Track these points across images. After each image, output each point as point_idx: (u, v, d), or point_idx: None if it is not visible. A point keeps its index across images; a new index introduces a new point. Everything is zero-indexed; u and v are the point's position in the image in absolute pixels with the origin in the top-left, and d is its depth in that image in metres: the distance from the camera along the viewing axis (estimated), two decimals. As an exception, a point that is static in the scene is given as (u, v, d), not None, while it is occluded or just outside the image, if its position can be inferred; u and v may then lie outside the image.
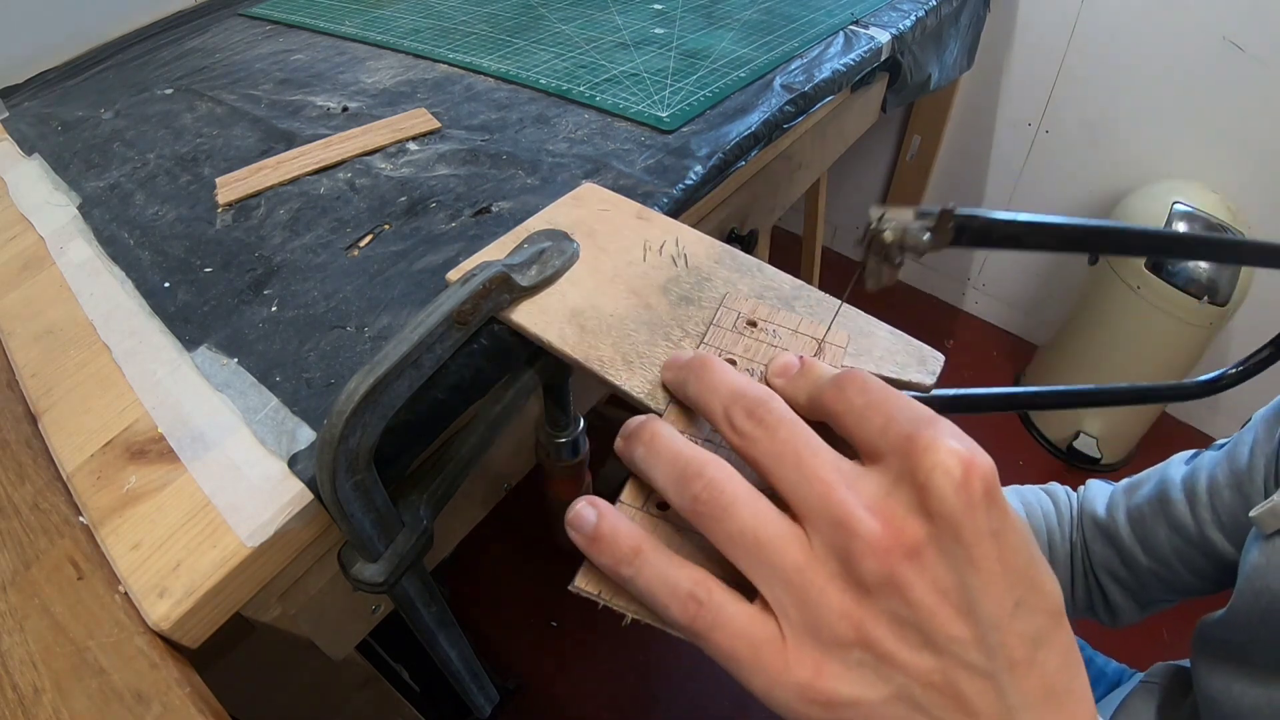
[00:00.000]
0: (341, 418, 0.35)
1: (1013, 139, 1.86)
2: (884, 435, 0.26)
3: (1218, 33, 1.44)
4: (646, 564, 0.28)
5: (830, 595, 0.25)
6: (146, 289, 0.58)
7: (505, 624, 1.54)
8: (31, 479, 0.47)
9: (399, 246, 0.59)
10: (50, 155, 0.80)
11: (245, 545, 0.40)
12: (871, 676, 0.25)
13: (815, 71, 0.86)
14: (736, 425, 0.28)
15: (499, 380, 0.48)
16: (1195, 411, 1.90)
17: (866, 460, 0.27)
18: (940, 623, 0.24)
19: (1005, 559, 0.24)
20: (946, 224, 0.28)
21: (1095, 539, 0.64)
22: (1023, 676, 0.25)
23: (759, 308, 0.42)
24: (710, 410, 0.30)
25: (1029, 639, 0.25)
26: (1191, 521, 0.58)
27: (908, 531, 0.24)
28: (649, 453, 0.29)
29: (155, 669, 0.36)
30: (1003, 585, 0.24)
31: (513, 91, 0.83)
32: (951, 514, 0.24)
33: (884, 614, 0.24)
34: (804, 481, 0.26)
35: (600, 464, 0.59)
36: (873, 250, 0.29)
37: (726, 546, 0.26)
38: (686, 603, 0.27)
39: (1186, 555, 0.58)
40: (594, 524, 0.29)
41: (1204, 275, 1.44)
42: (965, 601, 0.24)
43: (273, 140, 0.76)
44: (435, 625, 0.50)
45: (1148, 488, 0.63)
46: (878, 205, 0.29)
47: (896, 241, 0.29)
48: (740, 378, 0.30)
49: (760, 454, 0.27)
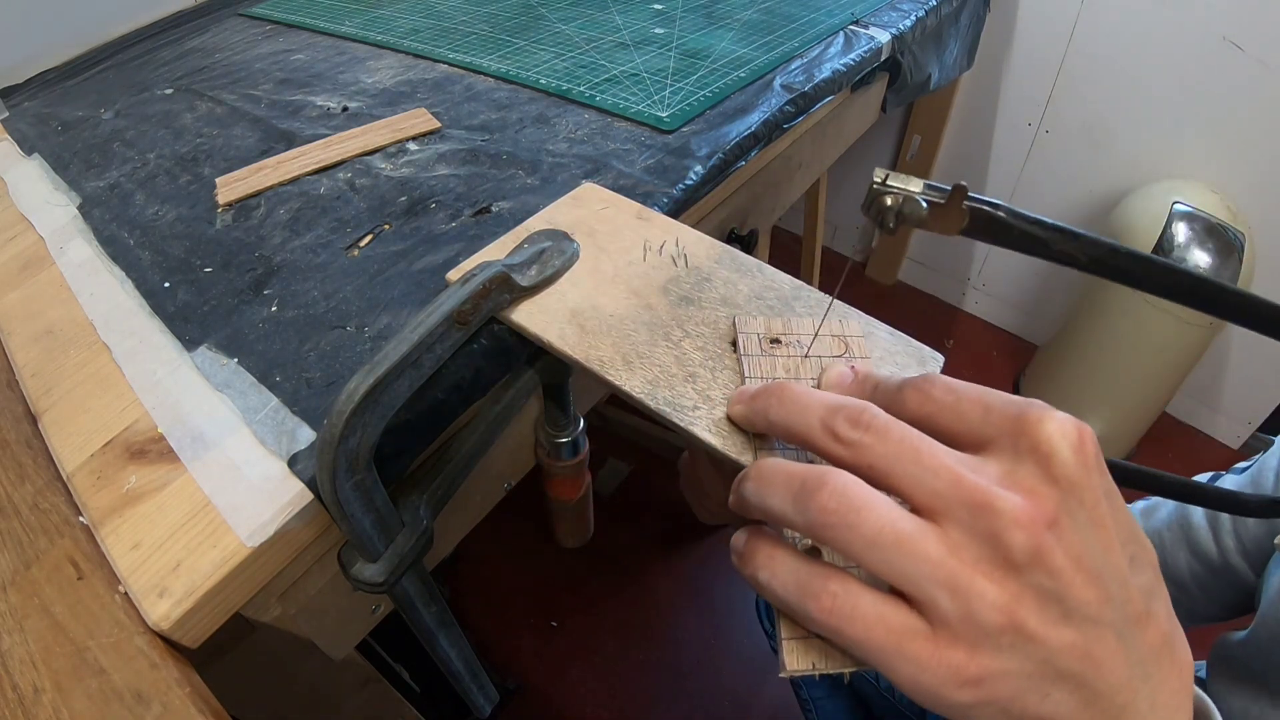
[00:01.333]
0: (341, 418, 0.35)
1: (1013, 139, 1.86)
2: (988, 422, 0.27)
3: (1218, 33, 1.44)
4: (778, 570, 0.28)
5: (979, 582, 0.25)
6: (146, 289, 0.58)
7: (505, 624, 1.54)
8: (31, 479, 0.47)
9: (399, 246, 0.59)
10: (50, 155, 0.80)
11: (245, 545, 0.40)
12: (1020, 655, 0.25)
13: (815, 71, 0.86)
14: (842, 436, 0.28)
15: (499, 380, 0.48)
16: (1196, 411, 1.91)
17: (972, 451, 0.27)
18: (1078, 590, 0.25)
19: (1118, 518, 0.26)
20: (959, 203, 0.28)
21: None
22: (1143, 629, 0.26)
23: (771, 322, 0.42)
24: (805, 429, 0.29)
25: (1144, 592, 0.26)
26: (1214, 549, 0.56)
27: (1045, 501, 0.25)
28: (760, 484, 0.29)
29: (155, 669, 0.36)
30: (1118, 543, 0.26)
31: (513, 91, 0.83)
32: (1074, 479, 0.25)
33: (1030, 590, 0.25)
34: (930, 474, 0.26)
35: (600, 464, 0.59)
36: (872, 212, 0.29)
37: (864, 551, 0.26)
38: (820, 598, 0.27)
39: (1206, 582, 0.57)
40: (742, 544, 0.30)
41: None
42: (1094, 565, 0.25)
43: (273, 140, 0.76)
44: (435, 625, 0.50)
45: (1167, 510, 0.61)
46: (881, 169, 0.29)
47: (894, 208, 0.29)
48: (826, 393, 0.30)
49: (875, 458, 0.27)
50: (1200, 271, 0.28)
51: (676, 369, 0.40)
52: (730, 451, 0.35)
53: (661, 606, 1.57)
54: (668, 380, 0.39)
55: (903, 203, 0.29)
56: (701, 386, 0.39)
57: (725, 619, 1.54)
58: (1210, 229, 1.46)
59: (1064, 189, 1.83)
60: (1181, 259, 1.43)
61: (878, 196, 0.29)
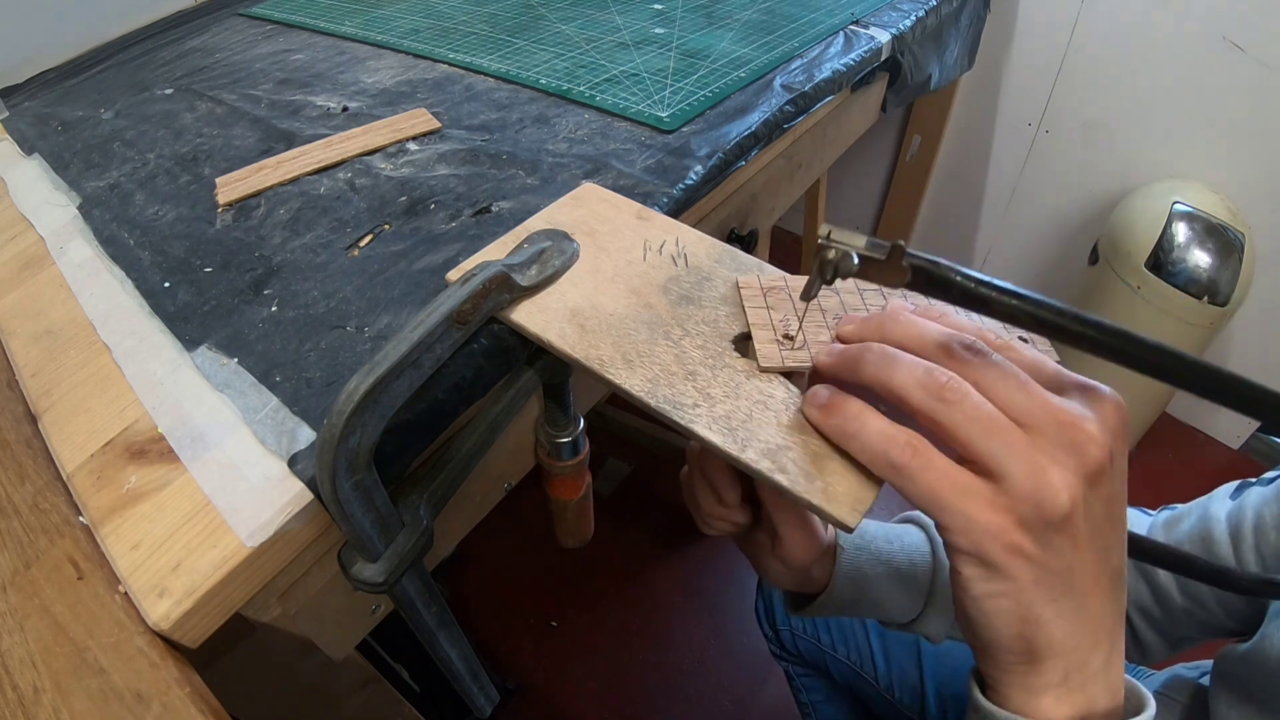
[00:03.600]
0: (342, 417, 0.35)
1: (1013, 139, 1.86)
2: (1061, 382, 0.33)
3: (1217, 33, 1.44)
4: (868, 423, 0.33)
5: (1055, 470, 0.29)
6: (146, 289, 0.58)
7: (505, 624, 1.54)
8: (31, 479, 0.47)
9: (399, 246, 0.59)
10: (50, 155, 0.80)
11: (245, 545, 0.40)
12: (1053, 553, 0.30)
13: (815, 71, 0.86)
14: (956, 354, 0.32)
15: (499, 380, 0.48)
16: (1196, 411, 1.90)
17: None
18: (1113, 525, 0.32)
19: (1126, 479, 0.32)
20: (898, 260, 0.31)
21: (1130, 574, 0.60)
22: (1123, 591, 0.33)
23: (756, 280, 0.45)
24: (921, 346, 0.33)
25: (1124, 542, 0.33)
26: (1235, 564, 0.55)
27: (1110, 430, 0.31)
28: (885, 359, 0.33)
29: (155, 669, 0.36)
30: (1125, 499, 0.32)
31: (513, 91, 0.83)
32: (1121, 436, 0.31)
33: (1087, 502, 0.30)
34: (1030, 398, 0.30)
35: (600, 464, 0.59)
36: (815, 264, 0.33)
37: (965, 426, 0.30)
38: (904, 448, 0.31)
39: (1225, 598, 0.56)
40: (826, 397, 0.34)
41: (1204, 275, 1.44)
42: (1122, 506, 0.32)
43: (273, 140, 0.76)
44: (435, 625, 0.50)
45: (1189, 523, 0.59)
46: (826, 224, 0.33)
47: (833, 261, 0.32)
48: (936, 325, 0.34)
49: (981, 377, 0.31)
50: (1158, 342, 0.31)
51: (677, 367, 0.40)
52: (731, 448, 0.36)
53: (661, 607, 1.56)
54: (668, 379, 0.39)
55: (840, 258, 0.32)
56: (702, 384, 0.39)
57: (725, 620, 1.54)
58: (1210, 229, 1.46)
59: (1064, 189, 1.83)
60: (1182, 259, 1.43)
61: (820, 250, 0.32)
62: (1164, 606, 0.60)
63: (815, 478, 0.34)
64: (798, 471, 0.34)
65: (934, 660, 0.84)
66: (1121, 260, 1.53)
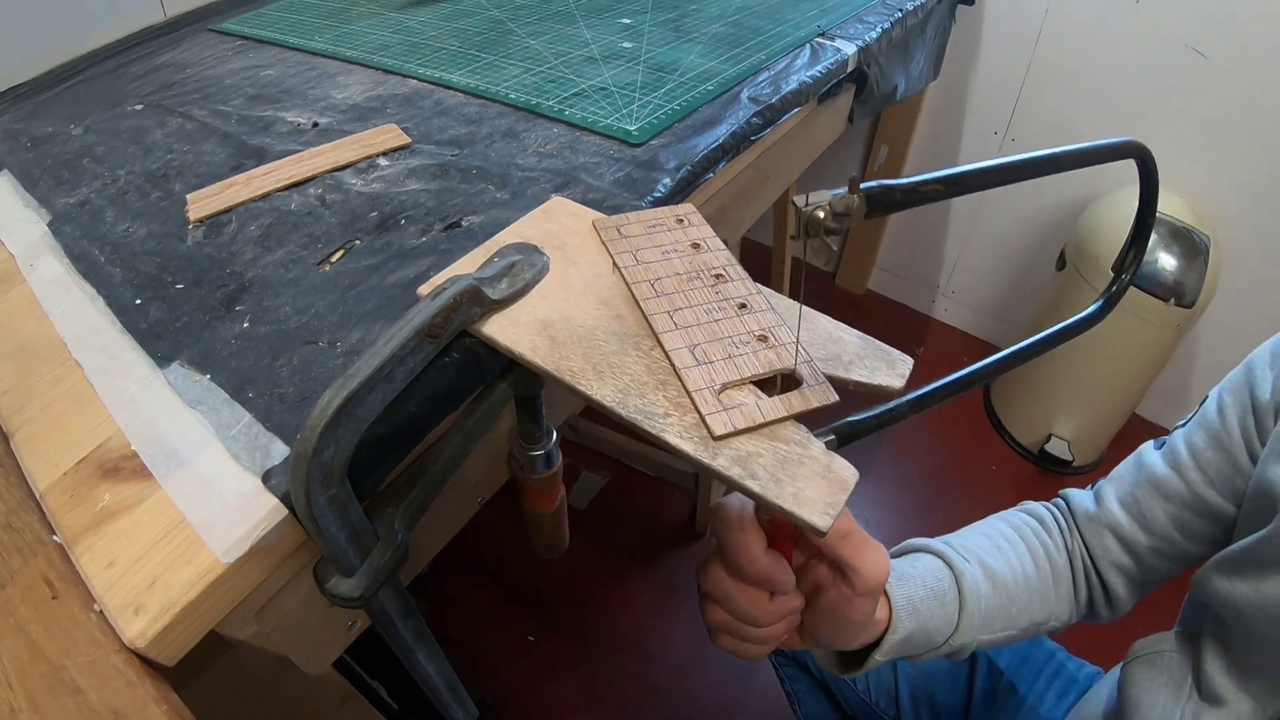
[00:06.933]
0: (315, 432, 0.36)
1: (979, 147, 1.89)
2: None
3: (1180, 40, 1.47)
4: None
5: None
6: (118, 306, 0.58)
7: (483, 639, 1.53)
8: (4, 498, 0.47)
9: (370, 261, 0.59)
10: (19, 171, 0.79)
11: (220, 561, 0.40)
12: None
13: (782, 83, 0.87)
14: None
15: (472, 393, 0.49)
16: (1164, 413, 1.94)
17: None
18: None
19: None
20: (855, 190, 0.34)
21: (1093, 534, 0.65)
22: None
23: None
24: None
25: None
26: (1184, 487, 0.59)
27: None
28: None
29: (132, 687, 0.37)
30: None
31: (482, 106, 0.83)
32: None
33: None
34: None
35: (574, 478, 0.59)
36: (811, 233, 0.35)
37: None
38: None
39: (1185, 522, 0.60)
40: None
41: (1170, 278, 1.47)
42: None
43: (243, 156, 0.76)
44: (412, 640, 0.50)
45: (1130, 475, 0.64)
46: (797, 195, 0.35)
47: (830, 214, 0.34)
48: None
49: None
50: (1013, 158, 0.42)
51: (648, 377, 0.40)
52: (702, 456, 0.36)
53: (639, 617, 1.57)
54: (639, 389, 0.40)
55: (831, 206, 0.35)
56: (672, 394, 0.39)
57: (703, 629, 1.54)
58: (1176, 232, 1.49)
59: (1031, 195, 1.86)
60: (1151, 261, 1.46)
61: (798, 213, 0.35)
62: (1132, 553, 0.63)
63: (786, 483, 0.35)
64: (768, 477, 0.35)
65: (908, 663, 0.85)
66: (1088, 265, 1.56)
